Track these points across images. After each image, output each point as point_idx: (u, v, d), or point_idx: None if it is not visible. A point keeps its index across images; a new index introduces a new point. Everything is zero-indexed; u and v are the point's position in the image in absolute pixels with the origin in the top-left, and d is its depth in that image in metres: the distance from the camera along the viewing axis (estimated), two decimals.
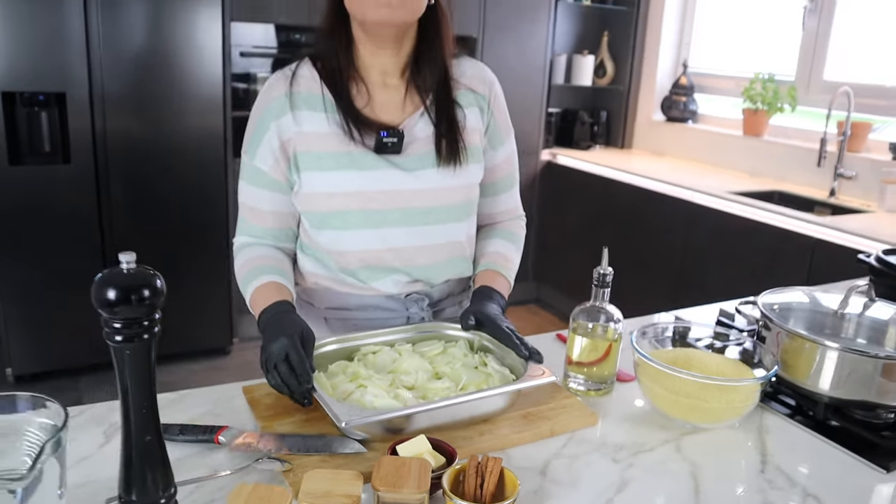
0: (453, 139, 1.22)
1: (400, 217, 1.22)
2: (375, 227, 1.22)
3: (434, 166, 1.22)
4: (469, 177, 1.26)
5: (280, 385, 0.97)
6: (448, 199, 1.24)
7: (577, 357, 1.16)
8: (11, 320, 2.93)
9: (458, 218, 1.27)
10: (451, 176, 1.23)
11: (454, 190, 1.24)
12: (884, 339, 1.21)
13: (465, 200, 1.28)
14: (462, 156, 1.23)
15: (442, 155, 1.22)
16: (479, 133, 1.29)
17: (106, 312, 0.65)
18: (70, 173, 2.93)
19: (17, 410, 0.68)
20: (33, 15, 2.71)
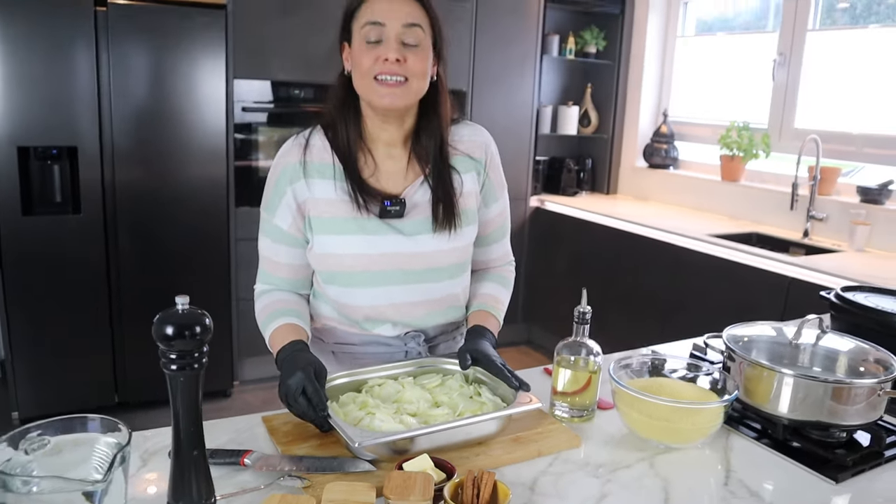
0: (450, 206, 1.36)
1: (400, 277, 1.35)
2: (378, 285, 1.35)
3: (431, 231, 1.35)
4: (463, 239, 1.40)
5: (301, 414, 1.10)
6: (444, 260, 1.38)
7: (561, 387, 1.29)
8: (19, 364, 3.03)
9: (452, 275, 1.41)
10: (447, 240, 1.37)
11: (450, 252, 1.38)
12: (835, 367, 1.34)
13: (460, 260, 1.42)
14: (457, 221, 1.37)
15: (439, 221, 1.35)
16: (475, 195, 1.42)
17: (164, 345, 0.78)
18: (80, 223, 3.06)
19: (87, 430, 0.81)
20: (48, 74, 2.88)
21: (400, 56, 1.25)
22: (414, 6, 1.28)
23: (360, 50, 1.27)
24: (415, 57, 1.27)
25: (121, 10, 2.96)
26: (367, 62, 1.26)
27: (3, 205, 2.89)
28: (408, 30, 1.27)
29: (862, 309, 1.67)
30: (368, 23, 1.26)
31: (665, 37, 4.32)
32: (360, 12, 1.29)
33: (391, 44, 1.25)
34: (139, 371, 3.23)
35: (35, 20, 2.82)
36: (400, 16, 1.26)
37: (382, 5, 1.26)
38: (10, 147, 2.87)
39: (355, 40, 1.29)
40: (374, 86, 1.27)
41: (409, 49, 1.27)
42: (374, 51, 1.26)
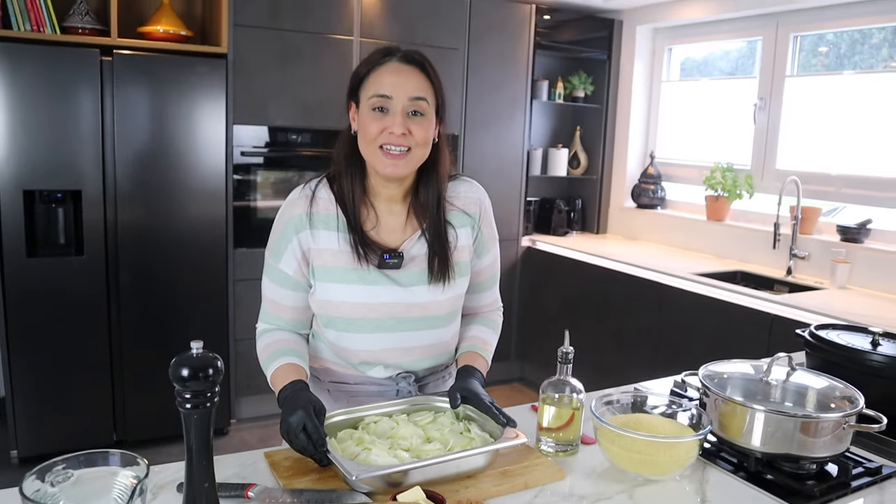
0: (444, 259, 1.44)
1: (395, 324, 1.44)
2: (374, 331, 1.44)
3: (426, 283, 1.43)
4: (456, 290, 1.48)
5: (302, 449, 1.18)
6: (437, 310, 1.46)
7: (546, 423, 1.36)
8: (19, 403, 3.08)
9: (445, 324, 1.49)
10: (440, 291, 1.45)
11: (443, 302, 1.46)
12: (805, 402, 1.42)
13: (452, 309, 1.50)
14: (450, 274, 1.45)
15: (434, 273, 1.43)
16: (469, 249, 1.51)
17: (179, 385, 0.86)
18: (82, 264, 3.14)
19: (108, 464, 0.88)
20: (54, 120, 2.98)
21: (405, 129, 1.34)
22: (420, 78, 1.37)
23: (367, 118, 1.36)
24: (419, 127, 1.36)
25: (126, 60, 3.08)
26: (373, 131, 1.34)
27: (8, 247, 2.97)
28: (413, 102, 1.35)
29: (834, 346, 1.76)
30: (376, 94, 1.34)
31: (651, 81, 4.47)
32: (368, 81, 1.37)
33: (397, 117, 1.33)
34: (138, 410, 3.28)
35: (43, 68, 2.93)
36: (407, 89, 1.35)
37: (390, 78, 1.35)
38: (17, 191, 2.96)
39: (363, 106, 1.37)
40: (378, 154, 1.35)
41: (413, 120, 1.35)
42: (381, 121, 1.34)
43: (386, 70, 1.36)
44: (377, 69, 1.37)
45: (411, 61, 1.38)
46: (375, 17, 3.67)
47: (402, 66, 1.37)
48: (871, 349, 1.72)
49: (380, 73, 1.36)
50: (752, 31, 3.85)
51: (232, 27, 3.32)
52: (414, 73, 1.37)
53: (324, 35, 3.55)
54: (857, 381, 1.64)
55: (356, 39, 3.63)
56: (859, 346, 1.73)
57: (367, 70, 1.38)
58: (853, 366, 1.69)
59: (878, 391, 1.67)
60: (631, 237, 4.44)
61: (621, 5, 4.27)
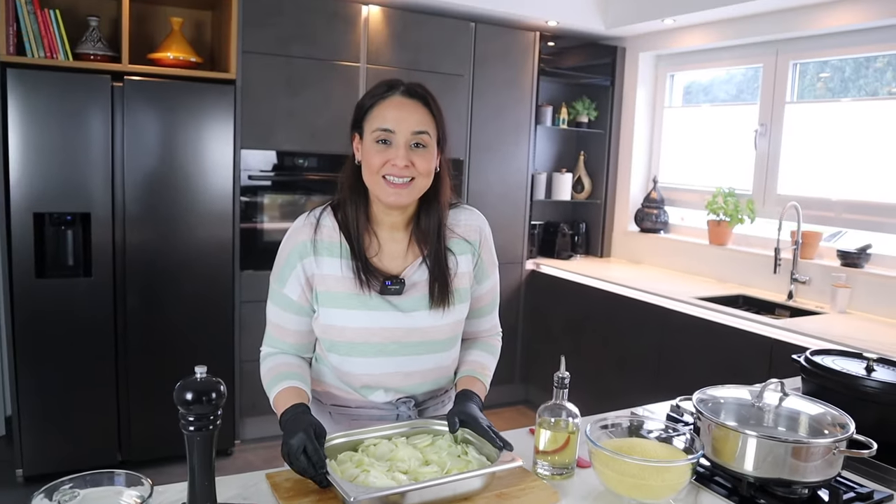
0: (444, 285, 1.48)
1: (396, 349, 1.48)
2: (375, 356, 1.47)
3: (427, 308, 1.47)
4: (456, 315, 1.52)
5: (302, 471, 1.21)
6: (437, 335, 1.50)
7: (542, 447, 1.39)
8: (25, 422, 3.11)
9: (444, 348, 1.53)
10: (440, 316, 1.49)
11: (443, 327, 1.50)
12: (797, 427, 1.45)
13: (452, 334, 1.53)
14: (451, 299, 1.49)
15: (434, 299, 1.47)
16: (469, 275, 1.55)
17: (183, 409, 0.90)
18: (91, 285, 3.19)
19: (113, 484, 0.91)
20: (65, 144, 3.05)
21: (408, 161, 1.39)
22: (422, 112, 1.42)
23: (371, 150, 1.41)
24: (421, 158, 1.41)
25: (136, 85, 3.15)
26: (377, 162, 1.40)
27: (18, 267, 3.03)
28: (416, 136, 1.41)
29: (829, 372, 1.78)
30: (380, 128, 1.40)
31: (653, 107, 4.53)
32: (372, 114, 1.42)
33: (400, 150, 1.39)
34: (143, 430, 3.31)
35: (55, 94, 3.00)
36: (410, 124, 1.40)
37: (393, 113, 1.40)
38: (27, 213, 3.02)
39: (366, 138, 1.42)
40: (382, 184, 1.40)
41: (416, 152, 1.41)
42: (385, 153, 1.39)
43: (389, 104, 1.41)
44: (381, 103, 1.42)
45: (414, 95, 1.43)
46: (382, 44, 3.74)
47: (404, 101, 1.41)
48: (866, 375, 1.74)
49: (383, 106, 1.41)
50: (752, 58, 3.90)
51: (240, 54, 3.39)
52: (416, 108, 1.42)
53: (331, 62, 3.62)
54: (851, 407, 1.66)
55: (363, 66, 3.70)
56: (854, 372, 1.75)
57: (371, 103, 1.43)
58: (848, 391, 1.71)
59: (873, 417, 1.69)
60: (634, 261, 4.47)
61: (624, 33, 4.33)
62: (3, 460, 3.42)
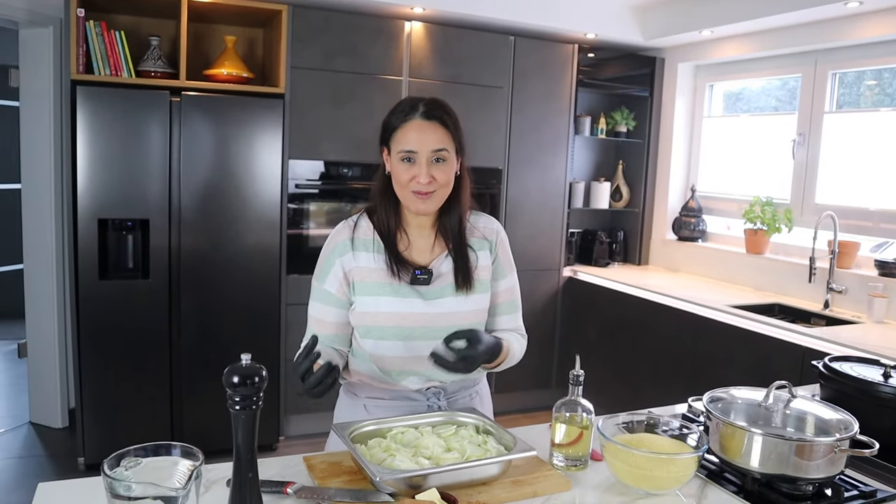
0: (467, 275, 1.66)
1: (424, 333, 1.63)
2: (405, 339, 1.63)
3: (452, 295, 1.65)
4: (477, 304, 1.68)
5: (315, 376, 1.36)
6: (461, 321, 1.64)
7: (558, 440, 1.49)
8: (88, 413, 3.33)
9: None
10: (464, 303, 1.66)
11: (465, 314, 1.66)
12: (805, 427, 1.52)
13: (475, 321, 1.68)
14: (473, 286, 1.66)
15: (458, 285, 1.65)
16: (488, 269, 1.72)
17: (230, 390, 1.03)
18: (148, 287, 3.40)
19: (171, 454, 1.06)
20: (127, 155, 3.27)
21: (430, 177, 1.57)
22: (441, 132, 1.58)
23: (399, 167, 1.59)
24: (441, 172, 1.58)
25: (192, 100, 3.36)
26: (404, 178, 1.58)
27: (83, 269, 3.26)
28: (436, 153, 1.58)
29: (846, 378, 1.83)
30: (404, 150, 1.57)
31: (692, 117, 4.57)
32: (396, 136, 1.59)
33: (423, 168, 1.56)
34: (194, 423, 3.50)
35: (119, 109, 3.23)
36: (430, 144, 1.57)
37: (414, 135, 1.57)
38: (92, 219, 3.25)
39: (394, 156, 1.60)
40: (409, 195, 1.59)
41: (436, 166, 1.58)
42: (410, 170, 1.57)
43: (410, 127, 1.58)
44: (403, 126, 1.59)
45: (431, 117, 1.59)
46: (424, 58, 3.89)
47: (423, 123, 1.58)
48: (883, 381, 1.79)
49: (406, 129, 1.58)
50: (791, 68, 3.92)
51: (289, 69, 3.57)
52: (435, 129, 1.58)
53: (375, 76, 3.78)
54: (868, 412, 1.72)
55: (405, 80, 3.85)
56: (871, 378, 1.80)
57: (395, 125, 1.60)
58: (865, 397, 1.77)
59: (889, 422, 1.75)
60: (672, 269, 4.51)
61: (662, 44, 4.39)
62: (68, 449, 3.66)
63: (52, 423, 3.93)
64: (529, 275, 4.27)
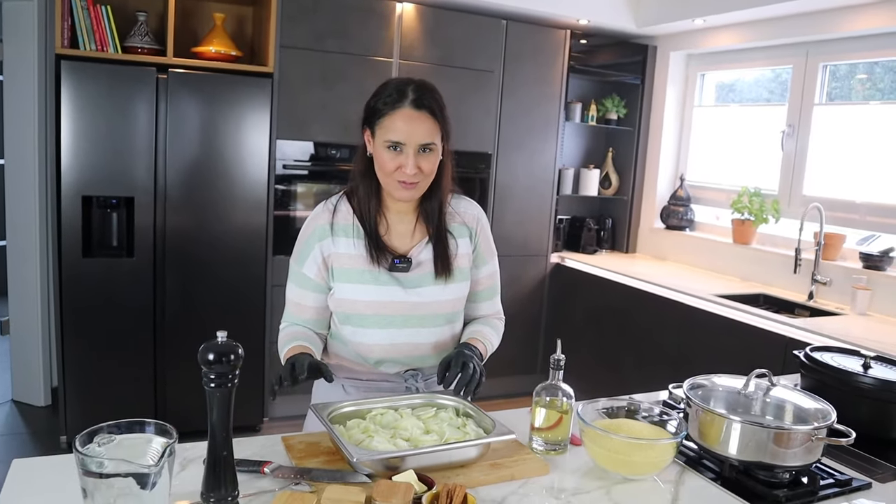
0: (447, 263, 1.63)
1: (402, 321, 1.62)
2: (383, 327, 1.62)
3: (430, 284, 1.62)
4: (456, 292, 1.66)
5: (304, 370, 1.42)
6: (440, 309, 1.64)
7: (537, 424, 1.49)
8: (70, 392, 3.32)
9: (447, 322, 1.67)
10: (442, 291, 1.64)
11: (444, 302, 1.65)
12: (784, 415, 1.52)
13: (453, 310, 1.67)
14: (451, 276, 1.64)
15: (438, 272, 1.62)
16: (468, 257, 1.69)
17: (205, 368, 1.02)
18: (132, 265, 3.37)
19: (144, 431, 1.05)
20: (112, 132, 3.23)
21: (416, 168, 1.52)
22: (429, 123, 1.52)
23: (384, 154, 1.53)
24: (428, 162, 1.54)
25: (180, 77, 3.32)
26: (389, 166, 1.53)
27: (66, 247, 3.22)
28: (424, 145, 1.53)
29: (827, 368, 1.85)
30: (391, 140, 1.51)
31: (683, 106, 4.56)
32: (383, 123, 1.52)
33: (409, 158, 1.51)
34: (177, 402, 3.49)
35: (104, 84, 3.18)
36: (418, 136, 1.51)
37: (403, 126, 1.50)
38: (76, 196, 3.21)
39: (379, 143, 1.54)
40: (394, 183, 1.55)
41: (423, 156, 1.53)
42: (396, 159, 1.52)
43: (399, 116, 1.51)
44: (391, 115, 1.51)
45: (421, 107, 1.52)
46: (415, 40, 3.86)
47: (413, 114, 1.51)
48: (863, 372, 1.81)
49: (394, 118, 1.51)
50: (782, 59, 3.92)
51: (278, 48, 3.53)
52: (424, 120, 1.52)
53: (365, 57, 3.75)
54: (847, 402, 1.74)
55: (395, 61, 3.82)
56: (851, 369, 1.81)
57: (383, 111, 1.53)
58: (844, 387, 1.78)
59: (868, 412, 1.77)
60: (659, 257, 4.52)
61: (655, 32, 4.37)
62: (50, 427, 3.64)
63: (34, 401, 3.91)
64: (516, 260, 4.27)
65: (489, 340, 1.71)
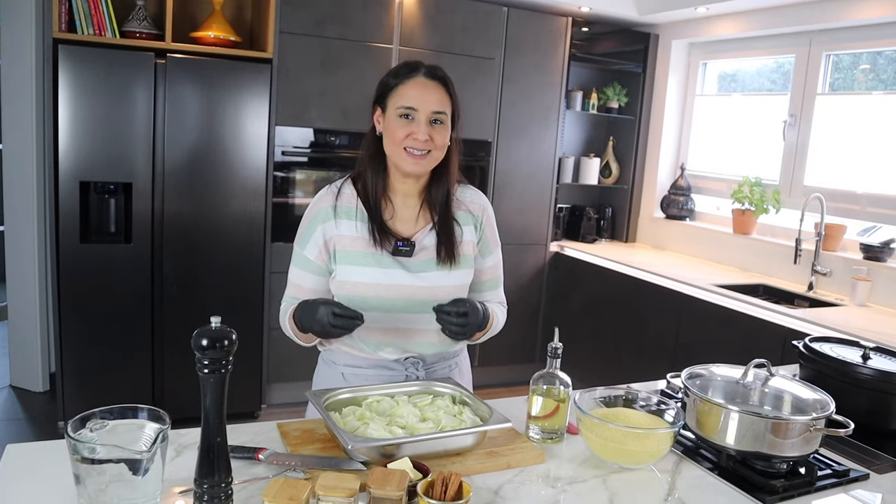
0: (451, 250, 1.63)
1: (405, 305, 1.61)
2: (386, 311, 1.61)
3: (434, 269, 1.62)
4: (460, 279, 1.66)
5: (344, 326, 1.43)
6: (442, 295, 1.61)
7: (534, 413, 1.49)
8: (68, 378, 3.31)
9: None
10: (446, 277, 1.63)
11: (447, 288, 1.63)
12: (782, 406, 1.52)
13: (457, 296, 1.63)
14: (457, 261, 1.63)
15: (441, 260, 1.62)
16: (472, 244, 1.69)
17: (199, 353, 1.01)
18: (130, 251, 3.36)
19: (137, 417, 1.04)
20: (110, 117, 3.21)
21: (427, 136, 1.53)
22: (442, 93, 1.56)
23: (395, 123, 1.54)
24: (439, 133, 1.55)
25: (178, 63, 3.29)
26: (399, 135, 1.54)
27: (64, 232, 3.21)
28: (436, 114, 1.54)
29: (826, 359, 1.84)
30: (404, 106, 1.53)
31: (684, 95, 4.53)
32: (396, 92, 1.55)
33: (422, 126, 1.53)
34: (175, 389, 3.49)
35: (102, 69, 3.16)
36: (431, 103, 1.53)
37: (416, 92, 1.53)
38: (74, 182, 3.19)
39: (390, 113, 1.56)
40: (403, 154, 1.55)
41: (434, 127, 1.55)
42: (407, 127, 1.53)
43: (412, 84, 1.55)
44: (405, 82, 1.55)
45: (434, 77, 1.57)
46: (415, 26, 3.83)
47: (427, 82, 1.55)
48: (861, 362, 1.80)
49: (408, 86, 1.55)
50: (784, 48, 3.89)
51: (278, 34, 3.51)
52: (437, 88, 1.55)
53: (365, 43, 3.72)
54: (846, 393, 1.73)
55: (395, 48, 3.79)
56: (849, 359, 1.81)
57: (396, 83, 1.56)
58: (843, 378, 1.78)
59: (866, 403, 1.76)
60: (659, 247, 4.51)
61: (657, 20, 4.34)
62: (48, 413, 3.64)
63: (32, 386, 3.91)
64: (516, 249, 4.26)
65: (496, 315, 1.71)
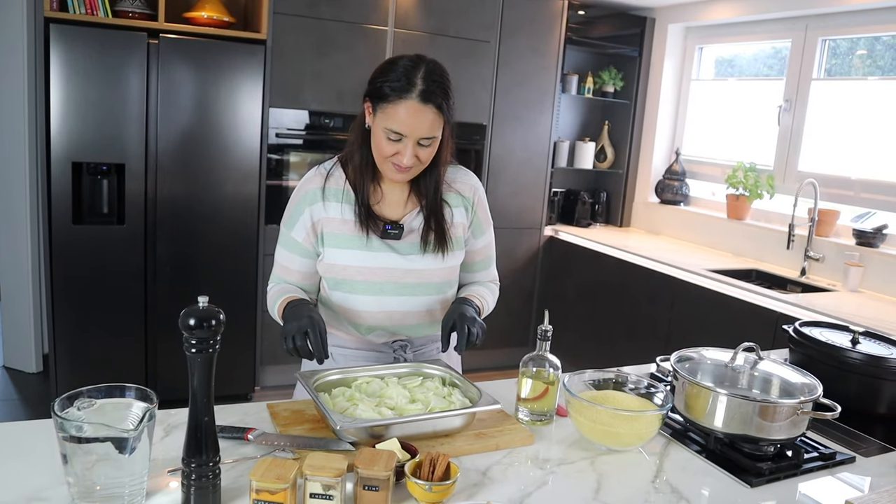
0: (441, 233, 1.61)
1: (393, 288, 1.60)
2: (374, 294, 1.60)
3: (422, 253, 1.60)
4: (450, 261, 1.64)
5: (292, 351, 1.39)
6: (431, 278, 1.62)
7: (524, 395, 1.49)
8: (61, 359, 3.31)
9: (438, 292, 1.65)
10: (435, 260, 1.61)
11: (437, 271, 1.63)
12: (770, 389, 1.52)
13: (445, 279, 1.66)
14: (448, 245, 1.62)
15: (428, 244, 1.60)
16: (464, 227, 1.67)
17: (187, 333, 1.01)
18: (123, 233, 3.35)
19: (125, 396, 1.04)
20: (103, 98, 3.19)
21: (413, 159, 1.48)
22: (434, 116, 1.45)
23: (381, 138, 1.47)
24: (426, 152, 1.50)
25: (171, 43, 3.26)
26: (386, 151, 1.48)
27: (56, 213, 3.20)
28: (424, 139, 1.47)
29: (815, 343, 1.85)
30: (392, 130, 1.45)
31: (680, 79, 4.52)
32: (386, 109, 1.45)
33: (409, 149, 1.46)
34: (168, 369, 3.50)
35: (94, 49, 3.13)
36: (421, 130, 1.45)
37: (407, 118, 1.43)
38: (66, 162, 3.18)
39: (378, 123, 1.48)
40: (389, 166, 1.51)
41: (422, 147, 1.48)
42: (394, 146, 1.47)
43: (404, 108, 1.43)
44: (396, 103, 1.44)
45: (428, 101, 1.44)
46: (410, 8, 3.80)
47: (420, 107, 1.43)
48: (850, 347, 1.81)
49: (399, 108, 1.44)
50: (781, 33, 3.87)
51: (272, 14, 3.48)
52: (428, 114, 1.45)
53: (359, 25, 3.69)
54: (835, 377, 1.75)
55: (390, 30, 3.76)
56: (839, 344, 1.82)
57: (389, 96, 1.45)
58: (832, 362, 1.79)
59: (855, 387, 1.77)
60: (653, 231, 4.51)
61: (654, 3, 4.32)
62: (41, 394, 3.64)
63: (25, 367, 3.91)
64: (510, 233, 4.26)
65: (485, 300, 1.71)
